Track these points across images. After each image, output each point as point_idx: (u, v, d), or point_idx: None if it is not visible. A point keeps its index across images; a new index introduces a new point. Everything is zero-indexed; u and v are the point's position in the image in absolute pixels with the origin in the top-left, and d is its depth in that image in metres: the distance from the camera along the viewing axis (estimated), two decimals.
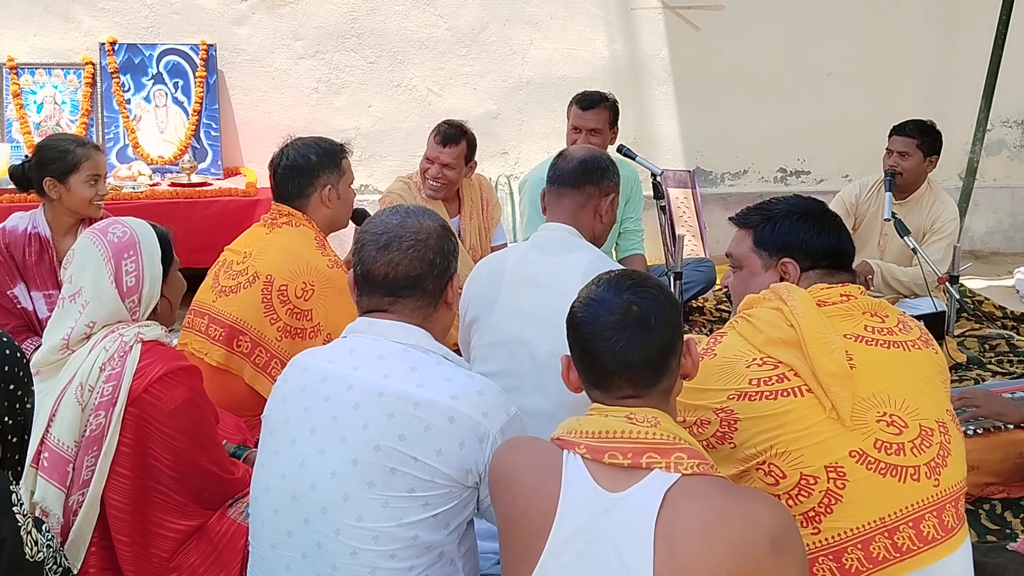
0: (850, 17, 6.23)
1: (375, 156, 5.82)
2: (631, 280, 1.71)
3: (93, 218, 3.56)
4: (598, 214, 2.70)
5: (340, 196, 3.13)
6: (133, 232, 2.29)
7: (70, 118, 5.28)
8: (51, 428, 2.16)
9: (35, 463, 2.16)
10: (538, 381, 2.49)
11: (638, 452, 1.58)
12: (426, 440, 1.79)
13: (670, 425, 1.64)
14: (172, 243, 2.38)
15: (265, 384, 2.89)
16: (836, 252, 2.11)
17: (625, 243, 4.60)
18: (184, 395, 2.19)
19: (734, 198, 6.28)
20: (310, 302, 2.91)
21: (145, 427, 2.15)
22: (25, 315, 3.54)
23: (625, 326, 1.64)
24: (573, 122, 4.27)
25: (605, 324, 1.65)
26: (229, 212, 4.90)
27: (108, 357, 2.17)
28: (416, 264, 1.93)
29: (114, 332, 2.21)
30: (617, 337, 1.64)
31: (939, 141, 4.44)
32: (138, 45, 5.38)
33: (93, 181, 3.44)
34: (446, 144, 4.03)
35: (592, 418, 1.67)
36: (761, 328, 1.96)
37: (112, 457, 2.14)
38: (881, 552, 1.81)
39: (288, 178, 3.08)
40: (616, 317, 1.65)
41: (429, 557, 1.81)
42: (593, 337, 1.66)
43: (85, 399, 2.15)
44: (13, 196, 4.60)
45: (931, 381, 1.96)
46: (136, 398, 2.14)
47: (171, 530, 2.21)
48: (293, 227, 3.04)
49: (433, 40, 5.82)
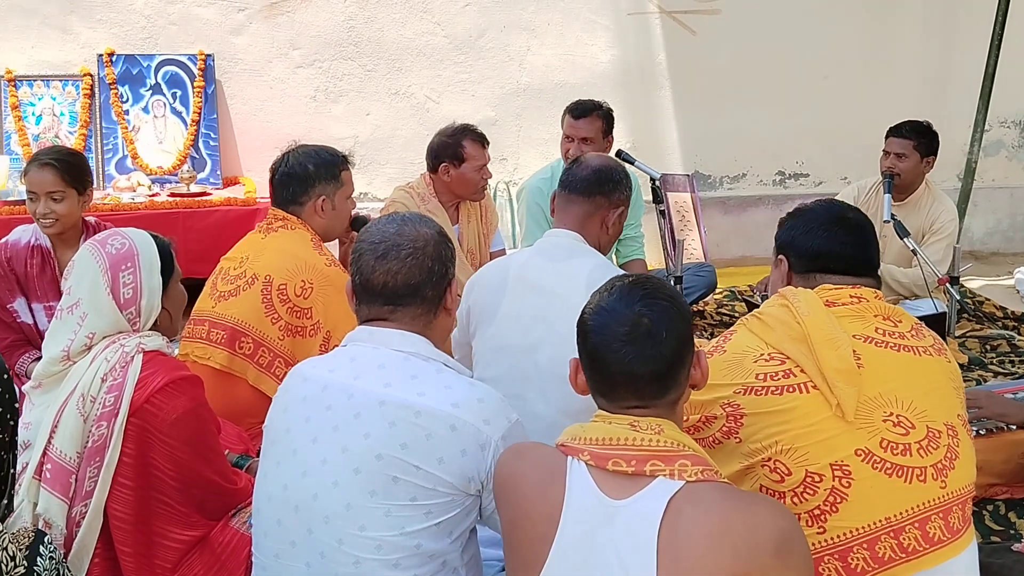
0: (847, 20, 6.24)
1: (374, 164, 5.83)
2: (643, 290, 1.68)
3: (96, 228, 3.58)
4: (605, 225, 2.69)
5: (335, 207, 3.12)
6: (132, 244, 2.28)
7: (69, 130, 5.29)
8: (53, 439, 2.15)
9: (38, 474, 2.16)
10: (540, 387, 2.49)
11: (642, 459, 1.58)
12: (428, 449, 1.79)
13: (674, 432, 1.63)
14: (174, 254, 2.37)
15: (270, 384, 2.89)
16: (826, 255, 2.09)
17: (625, 248, 4.60)
18: (186, 405, 2.18)
19: (733, 201, 6.29)
20: (309, 300, 2.91)
21: (147, 437, 2.14)
22: (24, 329, 3.54)
23: (634, 339, 1.62)
24: (566, 131, 4.28)
25: (614, 335, 1.64)
26: (229, 222, 4.89)
27: (109, 368, 2.16)
28: (415, 272, 1.93)
29: (115, 343, 2.20)
30: (625, 349, 1.62)
31: (936, 141, 4.44)
32: (136, 56, 5.39)
33: (31, 197, 3.44)
34: (486, 146, 4.07)
35: (596, 425, 1.66)
36: (772, 325, 1.97)
37: (114, 468, 2.13)
38: (887, 552, 1.81)
39: (284, 184, 3.09)
40: (625, 329, 1.63)
41: (432, 566, 1.81)
42: (601, 347, 1.65)
43: (87, 410, 2.14)
44: (13, 208, 4.60)
45: (941, 386, 1.96)
46: (138, 408, 2.13)
47: (174, 540, 2.20)
48: (289, 230, 3.04)
49: (430, 47, 5.82)
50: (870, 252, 2.12)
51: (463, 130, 4.04)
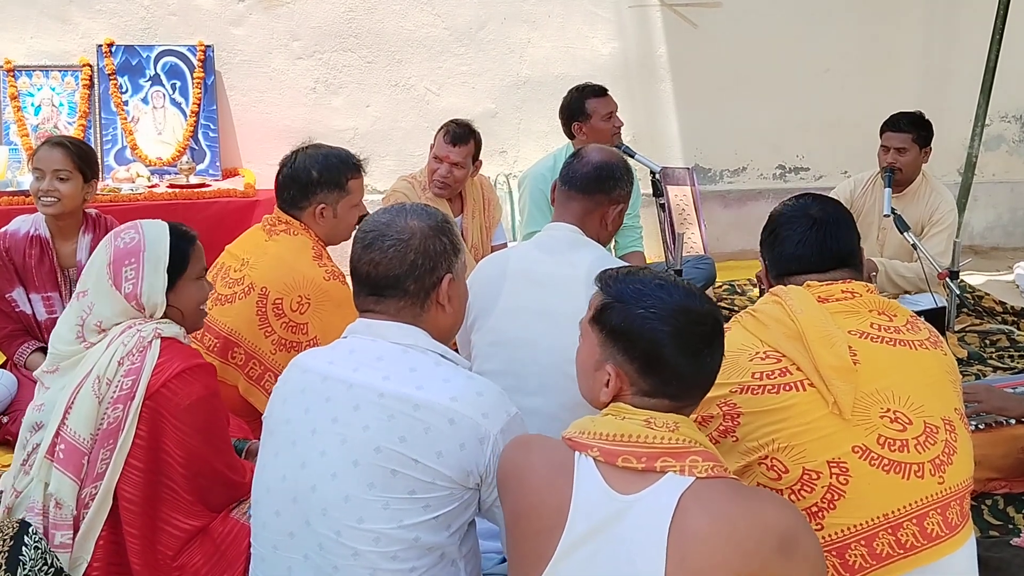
0: (847, 13, 6.22)
1: (374, 156, 5.80)
2: (693, 298, 1.69)
3: (96, 220, 3.58)
4: (604, 221, 2.68)
5: (337, 215, 3.04)
6: (141, 239, 2.29)
7: (68, 120, 5.27)
8: (67, 420, 2.18)
9: (50, 454, 2.18)
10: (539, 381, 2.48)
11: (652, 456, 1.57)
12: (426, 442, 1.78)
13: (688, 430, 1.63)
14: (190, 253, 2.34)
15: (259, 397, 2.89)
16: (788, 258, 2.10)
17: (624, 240, 4.60)
18: (200, 392, 2.21)
19: (733, 195, 6.29)
20: (306, 315, 2.88)
21: (160, 421, 2.17)
22: (23, 319, 3.54)
23: (711, 344, 1.68)
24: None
25: (700, 335, 1.67)
26: (228, 213, 4.88)
27: (127, 352, 2.19)
28: (395, 264, 1.92)
29: (131, 327, 2.24)
30: (709, 354, 1.68)
31: (931, 131, 4.44)
32: (135, 47, 5.37)
33: (37, 175, 3.46)
34: (455, 143, 4.02)
35: (608, 420, 1.64)
36: (767, 323, 1.97)
37: (128, 450, 2.16)
38: (885, 549, 1.81)
39: (285, 187, 3.03)
40: (706, 330, 1.68)
41: (431, 558, 1.80)
42: (685, 348, 1.66)
43: (102, 392, 2.17)
44: (11, 199, 4.59)
45: (938, 380, 1.95)
46: (154, 392, 2.17)
47: (177, 528, 2.22)
48: (290, 235, 2.99)
49: (431, 39, 5.81)
50: (832, 245, 2.07)
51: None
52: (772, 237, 2.14)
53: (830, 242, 2.07)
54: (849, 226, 2.12)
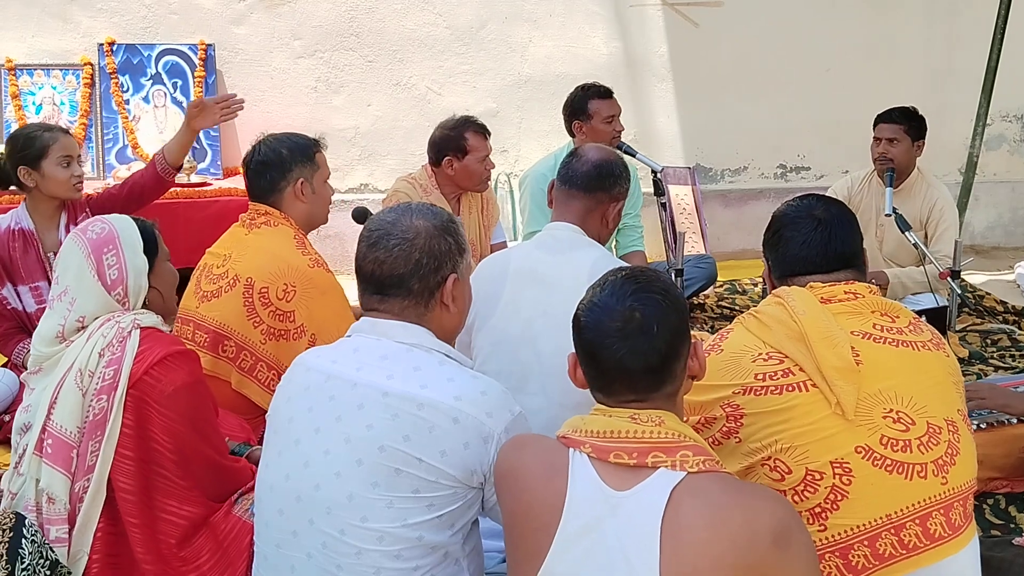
0: (849, 13, 6.22)
1: (375, 155, 5.81)
2: (636, 284, 1.67)
3: (74, 203, 3.59)
4: (605, 219, 2.69)
5: (315, 191, 3.09)
6: (112, 227, 2.32)
7: (69, 119, 5.27)
8: (52, 415, 2.19)
9: (38, 450, 2.19)
10: (541, 380, 2.49)
11: (643, 451, 1.58)
12: (431, 441, 1.79)
13: (675, 423, 1.64)
14: (157, 235, 2.40)
15: (252, 388, 2.89)
16: (791, 260, 2.09)
17: (625, 239, 4.60)
18: (184, 379, 2.22)
19: (734, 194, 6.29)
20: (292, 303, 2.88)
21: (146, 409, 2.18)
22: (16, 316, 3.54)
23: (627, 334, 1.63)
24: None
25: (607, 331, 1.64)
26: (229, 212, 4.84)
27: (107, 343, 2.20)
28: (400, 263, 1.92)
29: (110, 320, 2.24)
30: (618, 345, 1.63)
31: (924, 126, 4.45)
32: (136, 45, 5.37)
33: (66, 163, 3.49)
34: (487, 136, 4.08)
35: (596, 418, 1.66)
36: (769, 324, 1.97)
37: (116, 440, 2.16)
38: (888, 549, 1.81)
39: (260, 173, 3.05)
40: (617, 324, 1.63)
41: (434, 557, 1.81)
42: (595, 343, 1.66)
43: (85, 384, 2.18)
44: (13, 197, 4.58)
45: (940, 382, 1.95)
46: (137, 381, 2.17)
47: (174, 515, 2.23)
48: (271, 227, 3.00)
49: (432, 38, 5.81)
50: (836, 246, 2.06)
51: (465, 122, 4.04)
52: (776, 238, 2.13)
53: (834, 243, 2.07)
54: (853, 227, 2.12)
